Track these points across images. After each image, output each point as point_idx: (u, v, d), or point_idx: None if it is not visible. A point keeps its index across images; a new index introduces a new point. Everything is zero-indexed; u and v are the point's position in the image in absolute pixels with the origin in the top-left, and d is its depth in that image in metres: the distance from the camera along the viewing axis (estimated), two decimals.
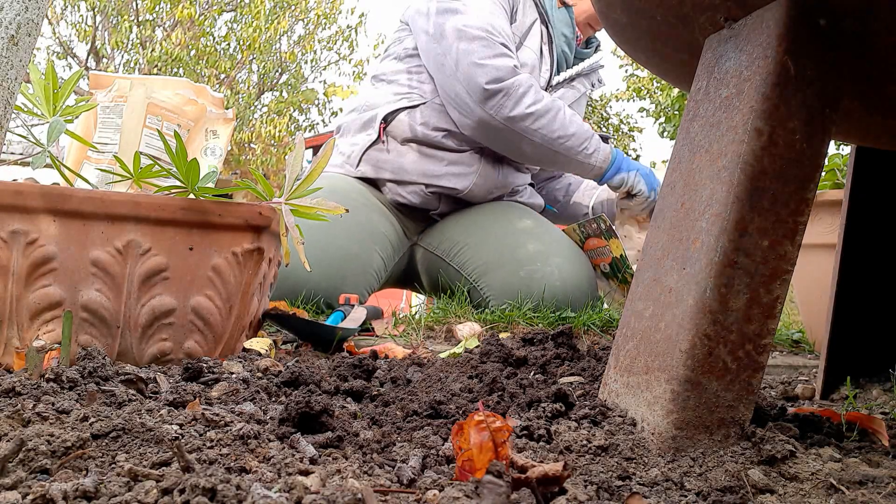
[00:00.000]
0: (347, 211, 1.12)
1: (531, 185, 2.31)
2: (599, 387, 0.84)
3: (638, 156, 18.09)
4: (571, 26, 2.15)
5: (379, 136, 2.04)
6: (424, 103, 2.03)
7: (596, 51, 2.28)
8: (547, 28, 2.10)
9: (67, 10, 12.73)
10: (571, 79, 2.18)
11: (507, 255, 1.89)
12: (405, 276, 2.18)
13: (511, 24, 2.03)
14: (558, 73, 2.15)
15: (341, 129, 2.17)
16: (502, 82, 1.86)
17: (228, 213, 1.02)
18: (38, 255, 0.94)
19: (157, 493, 0.49)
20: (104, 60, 12.91)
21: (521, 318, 1.64)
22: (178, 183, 1.03)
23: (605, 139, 2.00)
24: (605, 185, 2.05)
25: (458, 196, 2.07)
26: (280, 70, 13.89)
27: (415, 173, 2.02)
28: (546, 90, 2.10)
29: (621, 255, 1.92)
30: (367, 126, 2.07)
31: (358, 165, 2.06)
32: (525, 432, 0.71)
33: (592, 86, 2.27)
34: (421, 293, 2.24)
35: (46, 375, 0.80)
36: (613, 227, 1.95)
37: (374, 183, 2.07)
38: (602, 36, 2.33)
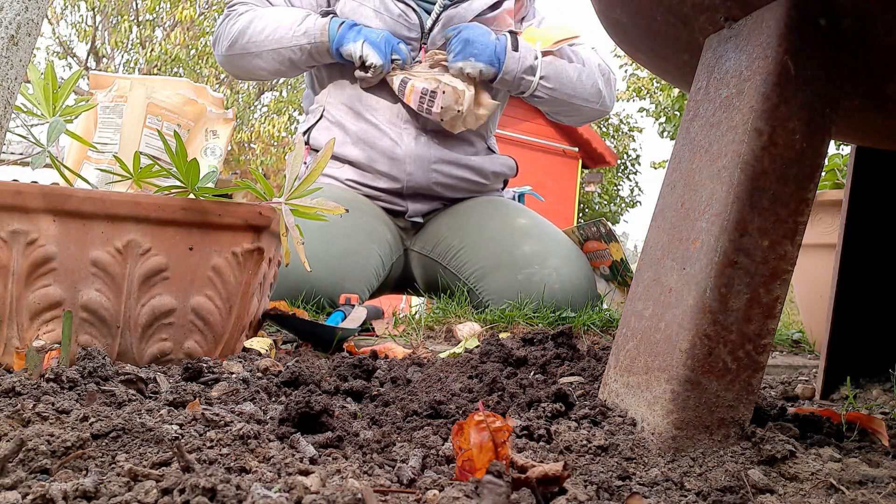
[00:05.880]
0: (347, 211, 1.12)
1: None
2: (599, 387, 0.84)
3: (638, 156, 18.11)
4: None
5: (305, 156, 2.11)
6: (319, 119, 2.08)
7: None
8: None
9: (67, 10, 12.73)
10: (457, 3, 2.03)
11: (503, 257, 1.87)
12: (401, 282, 2.17)
13: None
14: (428, 14, 2.06)
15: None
16: (216, 30, 2.08)
17: (228, 213, 1.02)
18: (38, 255, 0.94)
19: (157, 493, 0.49)
20: (104, 60, 12.91)
21: (521, 318, 1.64)
22: (178, 183, 1.03)
23: (325, 14, 1.95)
24: (344, 57, 1.93)
25: (404, 191, 2.03)
26: None
27: (353, 182, 2.04)
28: (423, 34, 2.02)
29: (621, 259, 1.92)
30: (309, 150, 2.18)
31: None
32: (525, 432, 0.71)
33: None
34: (419, 296, 2.23)
35: (46, 375, 0.80)
36: (613, 231, 1.94)
37: None
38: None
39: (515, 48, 1.94)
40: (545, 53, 1.98)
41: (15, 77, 0.91)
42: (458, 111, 1.90)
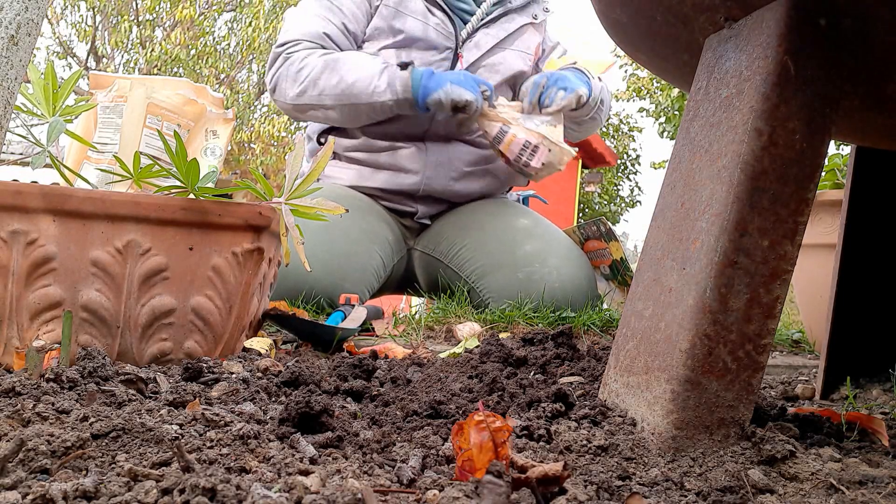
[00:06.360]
0: (347, 211, 1.12)
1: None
2: (599, 387, 0.84)
3: (638, 156, 18.11)
4: None
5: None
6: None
7: None
8: None
9: (67, 10, 12.73)
10: (494, 19, 2.08)
11: (505, 256, 1.88)
12: (403, 281, 2.17)
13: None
14: (465, 24, 2.07)
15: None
16: (277, 73, 1.95)
17: (228, 213, 1.02)
18: (38, 255, 0.94)
19: (157, 493, 0.49)
20: (104, 60, 12.91)
21: (521, 318, 1.64)
22: (178, 183, 1.03)
23: (404, 66, 1.87)
24: (431, 109, 1.86)
25: (419, 194, 2.05)
26: None
27: (367, 182, 2.05)
28: (458, 44, 2.04)
29: (621, 258, 1.92)
30: (313, 151, 2.16)
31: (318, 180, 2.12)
32: (525, 432, 0.71)
33: (535, 17, 2.16)
34: (419, 296, 2.23)
35: (46, 375, 0.80)
36: (613, 229, 1.94)
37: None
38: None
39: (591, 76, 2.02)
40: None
41: (15, 77, 0.91)
42: (559, 169, 1.92)
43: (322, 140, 2.10)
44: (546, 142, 1.85)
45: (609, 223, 1.94)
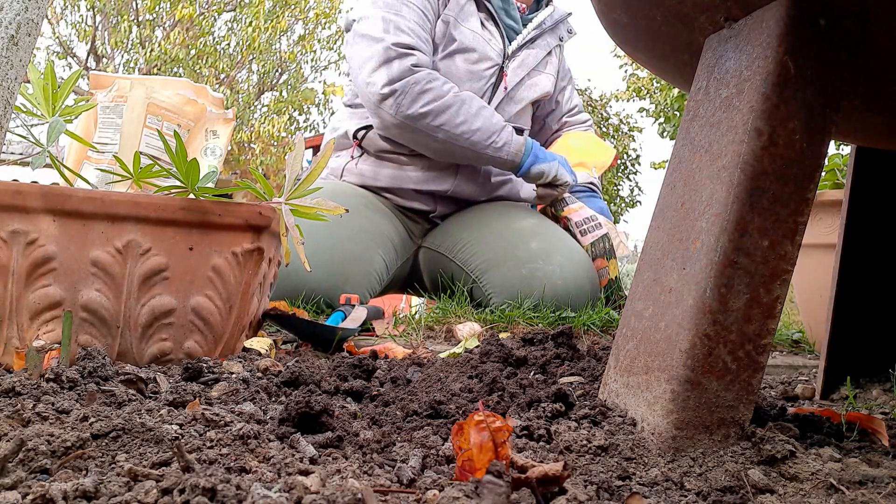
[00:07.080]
0: (347, 211, 1.12)
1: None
2: (599, 387, 0.84)
3: (638, 156, 18.09)
4: None
5: (351, 151, 2.13)
6: None
7: (547, 5, 2.25)
8: (483, 3, 2.09)
9: (67, 10, 12.74)
10: (532, 40, 2.17)
11: (509, 252, 1.90)
12: (407, 280, 2.19)
13: (443, 7, 2.02)
14: (510, 42, 2.15)
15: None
16: (396, 83, 1.85)
17: (228, 213, 1.02)
18: (38, 255, 0.94)
19: (157, 493, 0.49)
20: (104, 60, 12.92)
21: (522, 317, 1.64)
22: (178, 183, 1.03)
23: (519, 131, 1.95)
24: (529, 175, 1.99)
25: (446, 195, 2.09)
26: (280, 70, 13.92)
27: (395, 181, 2.07)
28: (504, 61, 2.10)
29: (616, 277, 1.95)
30: (343, 145, 2.16)
31: (341, 178, 2.15)
32: (525, 432, 0.71)
33: (561, 39, 2.26)
34: (422, 294, 2.24)
35: (46, 375, 0.80)
36: (614, 247, 1.97)
37: (371, 190, 2.11)
38: (598, 32, 2.36)
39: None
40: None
41: (15, 77, 0.91)
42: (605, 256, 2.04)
43: (359, 136, 2.11)
44: (609, 226, 2.04)
45: (612, 240, 1.97)
